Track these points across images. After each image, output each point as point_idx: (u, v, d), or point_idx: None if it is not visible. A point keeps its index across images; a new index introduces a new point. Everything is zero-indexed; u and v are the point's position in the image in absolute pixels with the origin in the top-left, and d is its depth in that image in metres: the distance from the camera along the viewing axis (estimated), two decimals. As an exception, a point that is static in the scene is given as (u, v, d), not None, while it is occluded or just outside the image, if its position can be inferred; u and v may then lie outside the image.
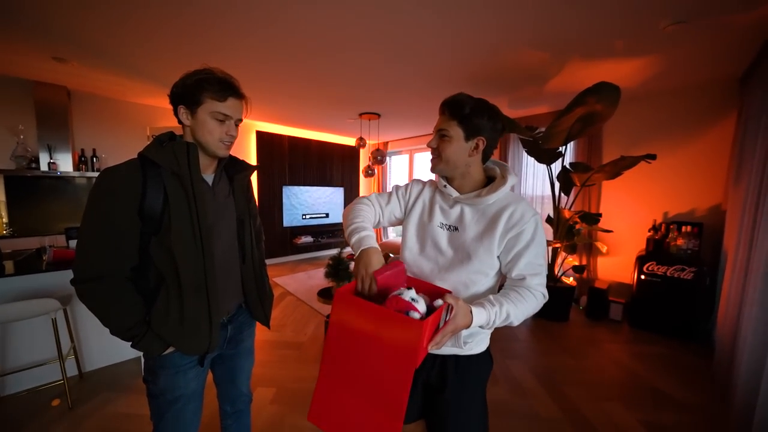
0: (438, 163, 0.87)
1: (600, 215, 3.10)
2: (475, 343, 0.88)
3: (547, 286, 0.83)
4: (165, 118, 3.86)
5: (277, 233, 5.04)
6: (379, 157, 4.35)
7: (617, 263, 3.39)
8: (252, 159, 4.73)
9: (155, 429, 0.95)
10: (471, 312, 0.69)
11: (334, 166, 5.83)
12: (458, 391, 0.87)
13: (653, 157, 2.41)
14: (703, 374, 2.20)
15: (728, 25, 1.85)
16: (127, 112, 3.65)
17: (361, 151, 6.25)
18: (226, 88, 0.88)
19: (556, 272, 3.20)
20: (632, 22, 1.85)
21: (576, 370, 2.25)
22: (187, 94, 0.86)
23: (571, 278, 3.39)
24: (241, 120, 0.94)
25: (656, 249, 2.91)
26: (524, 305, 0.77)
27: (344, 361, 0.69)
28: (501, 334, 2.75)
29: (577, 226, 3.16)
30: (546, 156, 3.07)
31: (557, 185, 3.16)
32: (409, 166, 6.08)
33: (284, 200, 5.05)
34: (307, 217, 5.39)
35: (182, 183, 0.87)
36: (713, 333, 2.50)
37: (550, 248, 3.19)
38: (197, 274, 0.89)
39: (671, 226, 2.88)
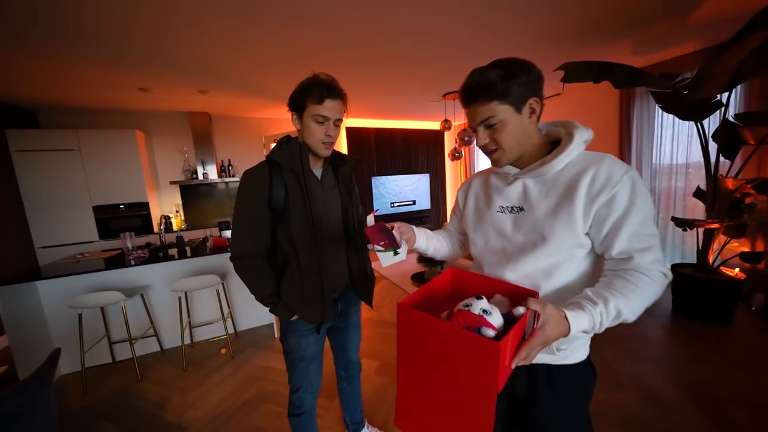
0: (502, 156, 0.71)
1: (790, 182, 2.22)
2: (572, 350, 0.72)
3: (700, 279, 0.64)
4: (275, 127, 4.60)
5: (369, 222, 5.42)
6: (467, 137, 4.10)
7: (824, 249, 2.39)
8: (344, 154, 5.16)
9: (289, 378, 1.18)
10: (566, 318, 0.56)
11: (419, 153, 5.85)
12: (553, 409, 0.73)
13: None
14: None
15: None
16: (247, 126, 4.47)
17: (446, 134, 6.04)
18: (323, 90, 0.95)
19: (711, 261, 2.47)
20: None
21: (745, 387, 1.72)
22: (296, 101, 0.99)
23: (737, 269, 2.57)
24: (340, 120, 1.02)
25: None
26: (639, 294, 0.59)
27: (420, 375, 0.61)
28: (623, 333, 2.31)
29: (748, 200, 2.34)
30: (695, 110, 2.35)
31: (713, 147, 2.40)
32: (500, 143, 5.58)
33: (373, 190, 5.35)
34: (396, 205, 5.58)
35: (297, 178, 1.02)
36: None
37: (702, 230, 2.47)
38: (312, 257, 1.05)
39: None
